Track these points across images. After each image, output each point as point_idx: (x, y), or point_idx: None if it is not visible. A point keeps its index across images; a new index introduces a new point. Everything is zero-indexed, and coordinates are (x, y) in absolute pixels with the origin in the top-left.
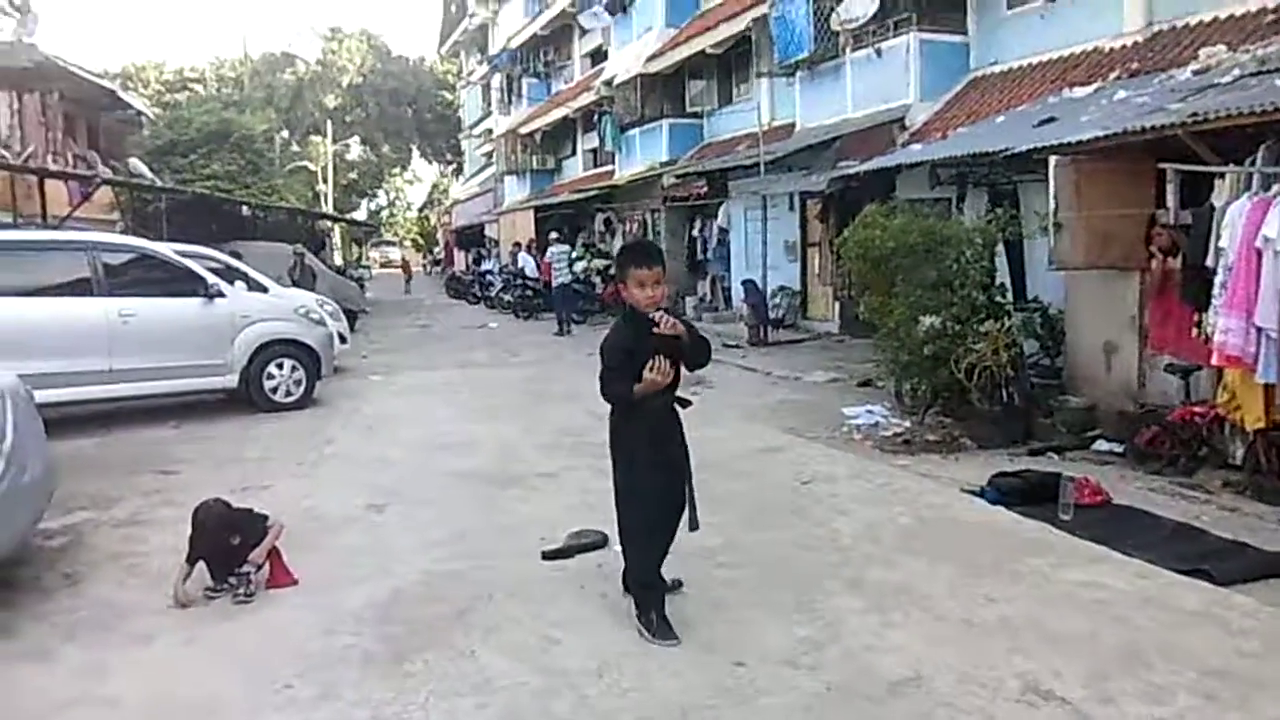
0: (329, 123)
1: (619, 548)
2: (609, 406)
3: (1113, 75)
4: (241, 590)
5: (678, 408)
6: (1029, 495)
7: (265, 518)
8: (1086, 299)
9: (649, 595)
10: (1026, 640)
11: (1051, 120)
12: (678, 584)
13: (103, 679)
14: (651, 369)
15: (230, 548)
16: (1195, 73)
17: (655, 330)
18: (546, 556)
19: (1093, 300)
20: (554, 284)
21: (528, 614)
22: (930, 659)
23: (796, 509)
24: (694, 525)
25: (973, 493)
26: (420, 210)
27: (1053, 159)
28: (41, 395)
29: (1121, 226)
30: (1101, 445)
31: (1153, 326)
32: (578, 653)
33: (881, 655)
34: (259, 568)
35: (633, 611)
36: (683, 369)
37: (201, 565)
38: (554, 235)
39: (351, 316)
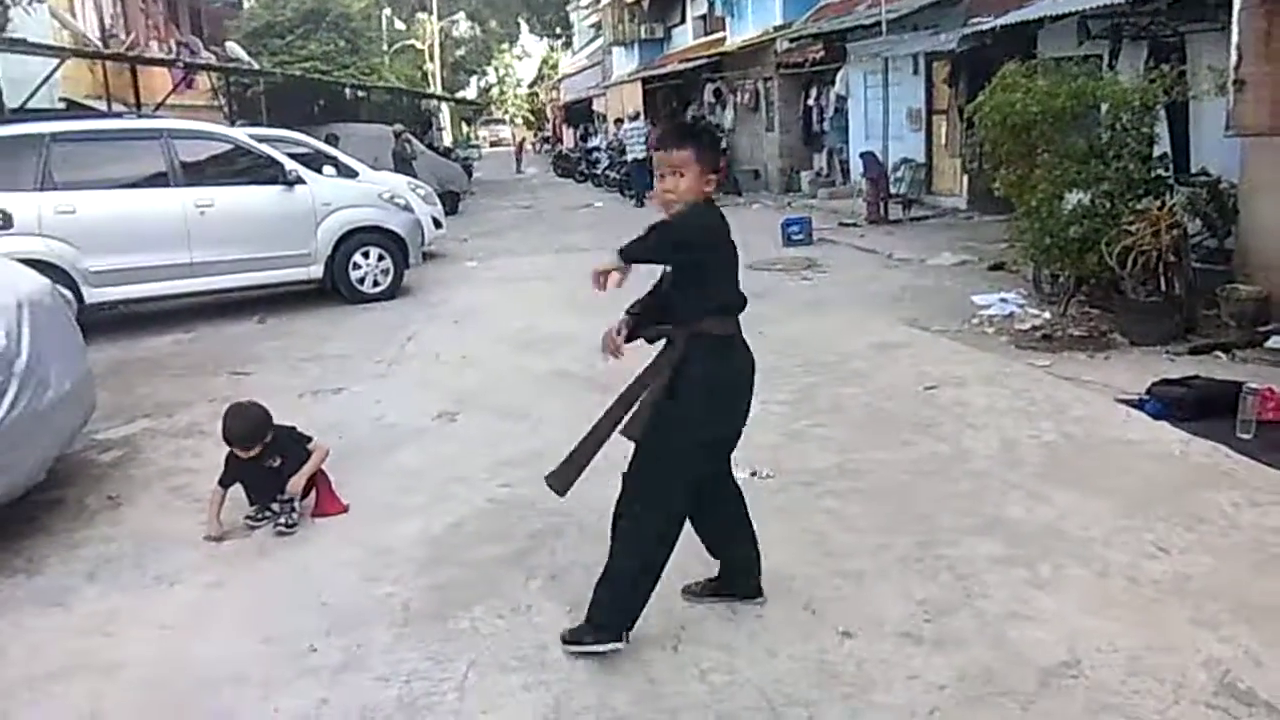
0: None
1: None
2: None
3: None
4: (283, 520)
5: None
6: (1199, 408)
7: (308, 439)
8: (1270, 170)
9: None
10: (1213, 610)
11: None
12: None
13: (111, 636)
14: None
15: (267, 471)
16: None
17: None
18: None
19: (1278, 171)
20: (628, 159)
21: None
22: (1089, 634)
23: (919, 421)
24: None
25: (1130, 403)
26: (530, 87)
27: (1237, 1)
28: (124, 291)
29: None
30: (1277, 342)
31: None
32: (651, 611)
33: (1027, 627)
34: (302, 497)
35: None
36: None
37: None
38: (631, 111)
39: (454, 198)
